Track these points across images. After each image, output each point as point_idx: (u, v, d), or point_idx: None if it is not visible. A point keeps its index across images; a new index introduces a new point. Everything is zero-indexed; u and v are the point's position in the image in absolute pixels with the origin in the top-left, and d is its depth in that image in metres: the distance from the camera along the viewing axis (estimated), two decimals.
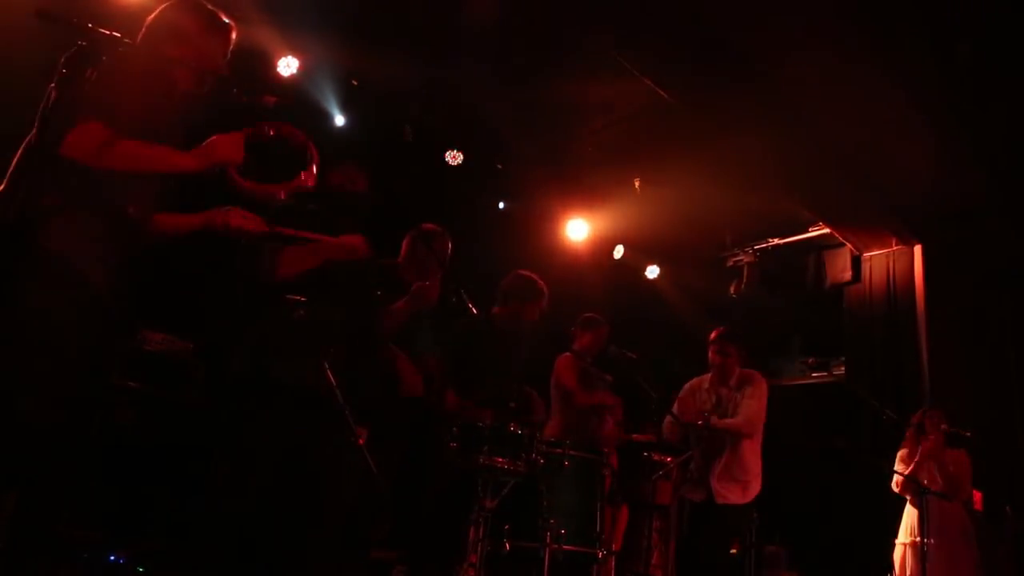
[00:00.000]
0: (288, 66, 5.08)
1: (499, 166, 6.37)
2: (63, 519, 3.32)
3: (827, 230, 6.90)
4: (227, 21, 2.47)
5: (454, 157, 6.03)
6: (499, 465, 3.45)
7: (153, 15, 2.37)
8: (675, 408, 4.73)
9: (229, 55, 2.49)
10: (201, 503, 3.06)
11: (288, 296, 2.72)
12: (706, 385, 4.73)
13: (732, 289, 7.54)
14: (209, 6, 2.45)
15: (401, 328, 3.45)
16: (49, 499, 2.11)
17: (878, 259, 6.87)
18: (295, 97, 5.17)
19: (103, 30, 1.79)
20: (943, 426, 4.88)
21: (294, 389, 2.67)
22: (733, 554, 4.83)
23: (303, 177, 2.64)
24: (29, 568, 2.03)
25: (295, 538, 2.63)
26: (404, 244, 3.87)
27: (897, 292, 6.65)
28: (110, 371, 2.67)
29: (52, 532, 2.72)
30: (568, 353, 4.90)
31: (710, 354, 4.69)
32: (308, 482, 2.69)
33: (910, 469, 4.76)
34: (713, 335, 4.72)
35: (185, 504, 3.74)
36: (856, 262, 7.00)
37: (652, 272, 7.46)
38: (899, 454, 5.02)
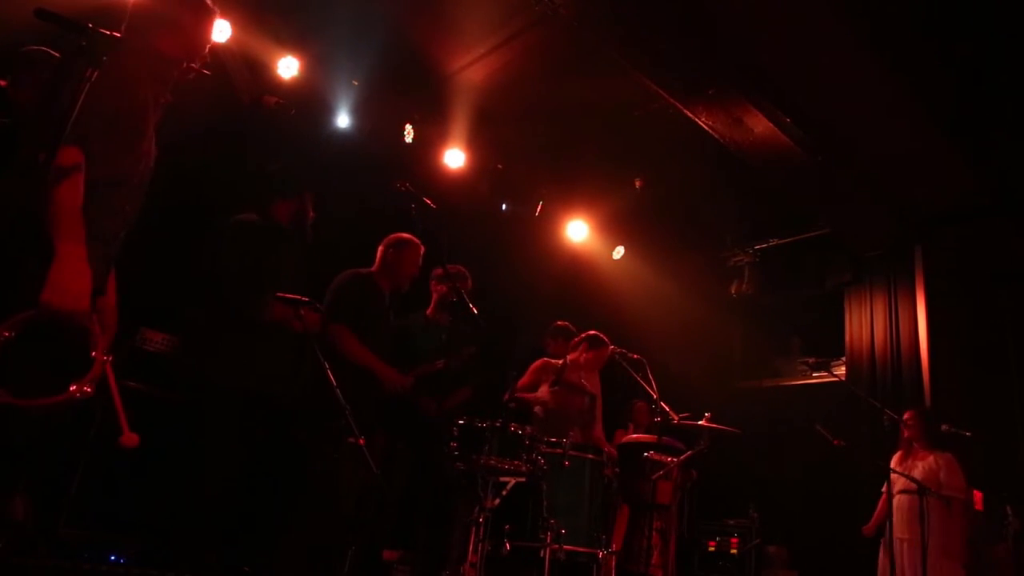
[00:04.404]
0: (288, 67, 5.05)
1: (499, 166, 6.36)
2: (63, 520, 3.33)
3: (827, 230, 6.90)
4: (212, 5, 2.30)
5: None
6: (500, 466, 3.44)
7: (135, 3, 2.18)
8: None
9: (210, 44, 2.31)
10: (198, 504, 3.06)
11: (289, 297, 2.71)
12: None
13: (732, 289, 7.54)
14: None
15: None
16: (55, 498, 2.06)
17: (878, 259, 6.87)
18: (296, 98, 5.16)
19: (103, 29, 1.76)
20: (924, 425, 4.89)
21: (281, 398, 2.66)
22: (734, 554, 4.83)
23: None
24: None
25: (288, 538, 2.63)
26: (378, 252, 4.03)
27: (897, 292, 6.65)
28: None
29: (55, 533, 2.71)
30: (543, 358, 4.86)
31: None
32: (299, 488, 2.68)
33: (901, 468, 4.79)
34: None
35: (184, 504, 3.74)
36: (856, 262, 7.00)
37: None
38: (895, 456, 5.03)
